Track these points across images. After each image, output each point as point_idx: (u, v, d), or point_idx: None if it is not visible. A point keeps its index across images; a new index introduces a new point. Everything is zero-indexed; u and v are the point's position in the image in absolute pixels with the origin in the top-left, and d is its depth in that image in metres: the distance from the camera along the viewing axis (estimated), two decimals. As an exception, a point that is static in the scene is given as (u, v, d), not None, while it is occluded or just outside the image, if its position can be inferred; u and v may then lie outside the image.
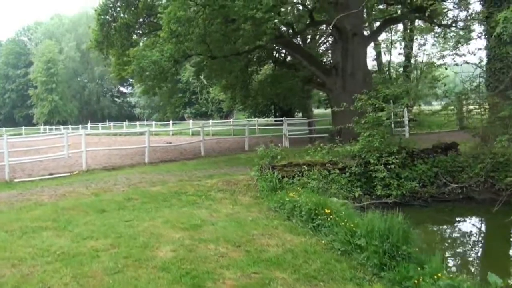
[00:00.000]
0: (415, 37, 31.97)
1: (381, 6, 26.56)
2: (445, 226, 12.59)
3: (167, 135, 38.68)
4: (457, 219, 13.13)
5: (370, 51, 33.57)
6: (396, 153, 13.81)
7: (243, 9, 15.81)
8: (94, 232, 8.27)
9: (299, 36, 27.61)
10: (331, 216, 8.64)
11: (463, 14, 25.50)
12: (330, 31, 24.32)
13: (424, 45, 33.91)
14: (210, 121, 29.64)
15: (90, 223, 8.99)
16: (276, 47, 26.28)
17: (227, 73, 23.60)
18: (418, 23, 30.37)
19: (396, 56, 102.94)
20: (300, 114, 40.62)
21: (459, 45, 28.78)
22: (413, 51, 32.72)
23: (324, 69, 23.84)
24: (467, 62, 18.03)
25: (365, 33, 24.95)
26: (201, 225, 8.95)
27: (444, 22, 27.33)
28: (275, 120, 40.37)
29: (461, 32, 27.48)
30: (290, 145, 25.08)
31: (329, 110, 38.64)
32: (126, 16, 20.22)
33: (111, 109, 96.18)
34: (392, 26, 29.20)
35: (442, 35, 30.50)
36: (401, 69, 33.35)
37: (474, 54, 18.26)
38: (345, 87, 22.20)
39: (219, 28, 17.16)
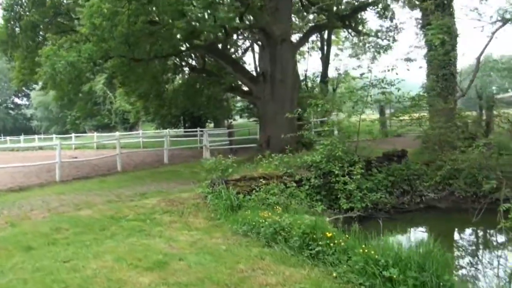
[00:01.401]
0: (336, 46, 31.90)
1: (311, 16, 25.93)
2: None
3: (70, 149, 34.90)
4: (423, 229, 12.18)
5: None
6: (358, 162, 12.62)
7: (176, 4, 13.86)
8: (28, 283, 5.88)
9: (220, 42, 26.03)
10: (335, 241, 7.01)
11: (387, 24, 25.50)
12: (257, 37, 23.02)
13: (338, 55, 34.05)
14: (117, 133, 26.94)
15: (17, 267, 6.52)
16: (194, 53, 24.35)
17: (143, 80, 21.27)
18: (347, 32, 30.17)
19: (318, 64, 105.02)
20: (212, 125, 38.83)
21: (378, 54, 29.18)
22: (330, 60, 32.51)
23: (251, 76, 22.39)
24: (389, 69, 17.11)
25: (293, 40, 23.88)
26: (167, 262, 6.86)
27: (366, 31, 27.39)
28: (185, 131, 38.20)
29: (381, 42, 27.74)
30: (211, 157, 23.27)
31: (242, 120, 37.49)
32: (33, 14, 17.25)
33: (6, 122, 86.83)
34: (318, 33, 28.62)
35: (360, 45, 30.68)
36: (318, 78, 33.00)
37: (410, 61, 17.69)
38: (273, 94, 20.91)
39: (144, 27, 14.99)
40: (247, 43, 31.66)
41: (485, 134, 15.58)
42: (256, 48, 30.80)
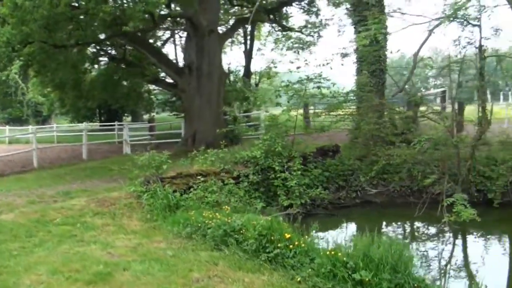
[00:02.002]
0: (259, 41, 31.64)
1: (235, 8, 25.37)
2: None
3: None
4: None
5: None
6: (296, 158, 12.32)
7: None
8: None
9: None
10: (295, 243, 6.55)
11: (313, 19, 25.53)
12: (183, 27, 22.14)
13: (260, 49, 33.85)
14: (32, 127, 24.86)
15: None
16: (115, 42, 22.93)
17: (61, 69, 19.64)
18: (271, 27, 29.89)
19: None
20: (130, 119, 37.15)
21: (302, 50, 29.26)
22: (253, 55, 32.17)
23: (176, 68, 21.49)
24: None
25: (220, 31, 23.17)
26: (110, 273, 6.05)
27: (292, 26, 27.32)
28: (101, 125, 36.29)
29: (307, 38, 27.82)
30: (132, 152, 22.14)
31: (163, 114, 36.25)
32: None
33: None
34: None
35: (283, 40, 30.63)
36: (241, 72, 32.54)
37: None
38: (200, 87, 20.22)
39: (66, 10, 13.71)
40: (167, 34, 30.53)
41: (415, 130, 15.94)
42: (178, 39, 29.84)
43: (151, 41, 25.02)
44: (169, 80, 23.08)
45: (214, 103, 20.58)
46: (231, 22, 26.32)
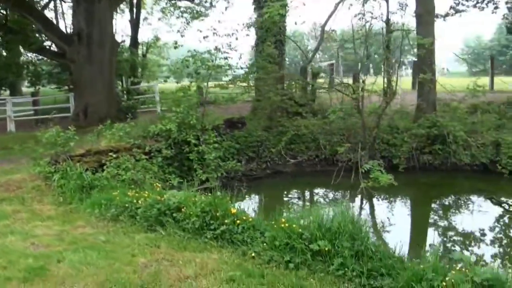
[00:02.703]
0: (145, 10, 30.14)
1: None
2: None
3: None
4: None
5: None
6: (209, 130, 11.98)
7: None
8: None
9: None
10: (242, 218, 6.29)
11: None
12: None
13: (147, 18, 32.45)
14: None
15: None
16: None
17: None
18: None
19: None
20: (8, 93, 33.65)
21: (192, 20, 28.46)
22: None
23: (64, 36, 19.70)
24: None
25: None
26: (43, 267, 5.34)
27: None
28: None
29: (198, 8, 27.06)
30: (17, 130, 20.18)
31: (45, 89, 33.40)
32: None
33: None
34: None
35: (171, 9, 29.64)
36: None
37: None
38: (91, 57, 18.85)
39: None
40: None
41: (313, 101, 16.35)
42: (60, 4, 27.36)
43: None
44: (54, 49, 21.15)
45: (106, 74, 19.34)
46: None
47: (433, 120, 13.99)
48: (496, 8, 24.09)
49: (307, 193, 12.99)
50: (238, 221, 6.28)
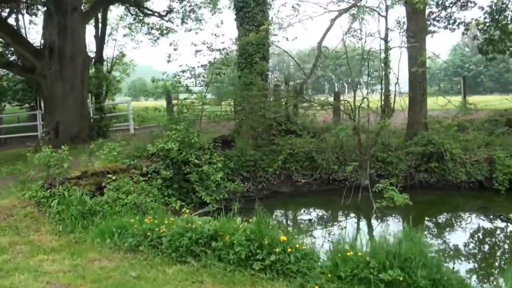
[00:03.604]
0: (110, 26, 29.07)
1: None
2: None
3: None
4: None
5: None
6: (206, 149, 11.26)
7: None
8: None
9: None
10: (294, 246, 5.61)
11: (177, 6, 24.14)
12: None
13: (112, 34, 31.32)
14: None
15: None
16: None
17: None
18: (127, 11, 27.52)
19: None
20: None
21: (161, 37, 27.65)
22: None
23: (35, 50, 18.45)
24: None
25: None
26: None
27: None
28: None
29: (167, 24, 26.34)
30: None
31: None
32: None
33: None
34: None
35: (138, 25, 28.85)
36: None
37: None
38: (63, 73, 17.67)
39: None
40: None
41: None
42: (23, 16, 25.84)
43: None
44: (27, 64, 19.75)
45: (78, 90, 18.21)
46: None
47: (428, 138, 13.78)
48: (466, 30, 24.56)
49: (315, 214, 12.36)
50: (289, 249, 5.60)
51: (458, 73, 66.22)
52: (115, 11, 31.36)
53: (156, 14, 25.24)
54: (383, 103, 13.56)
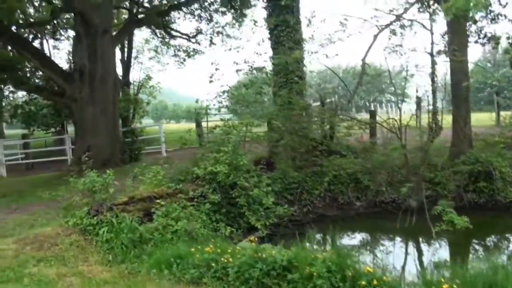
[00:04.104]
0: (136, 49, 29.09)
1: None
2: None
3: None
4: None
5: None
6: (255, 171, 10.78)
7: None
8: None
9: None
10: (381, 279, 5.05)
11: (205, 27, 23.96)
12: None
13: (137, 57, 31.34)
14: None
15: None
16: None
17: None
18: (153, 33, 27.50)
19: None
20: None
21: (188, 58, 27.52)
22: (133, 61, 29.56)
23: (64, 74, 18.32)
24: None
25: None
26: None
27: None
28: None
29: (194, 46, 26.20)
30: (8, 174, 18.58)
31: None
32: None
33: None
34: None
35: (164, 48, 28.84)
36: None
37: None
38: (94, 96, 17.51)
39: None
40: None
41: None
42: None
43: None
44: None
45: (109, 113, 18.03)
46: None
47: (475, 156, 13.13)
48: (497, 43, 23.96)
49: (371, 238, 11.71)
50: (375, 282, 5.05)
51: (481, 89, 65.21)
52: (140, 34, 31.40)
53: (184, 36, 25.07)
54: (431, 120, 12.94)
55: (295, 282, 5.40)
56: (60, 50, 29.09)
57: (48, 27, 22.37)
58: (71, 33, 23.14)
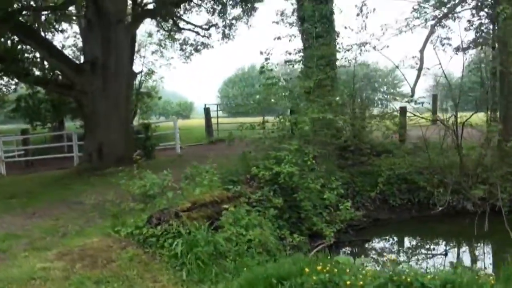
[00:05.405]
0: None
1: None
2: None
3: None
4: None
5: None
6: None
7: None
8: None
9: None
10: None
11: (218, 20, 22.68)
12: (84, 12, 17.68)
13: (139, 51, 29.93)
14: None
15: None
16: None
17: None
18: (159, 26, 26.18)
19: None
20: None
21: (195, 53, 26.21)
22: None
23: (74, 65, 16.88)
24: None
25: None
26: None
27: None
28: None
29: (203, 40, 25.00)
30: (7, 173, 17.16)
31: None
32: None
33: None
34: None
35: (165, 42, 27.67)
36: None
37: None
38: (106, 89, 16.08)
39: None
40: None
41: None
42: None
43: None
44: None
45: (122, 108, 16.64)
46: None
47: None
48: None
49: (441, 245, 10.72)
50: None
51: (474, 89, 65.22)
52: (142, 28, 30.03)
53: (197, 29, 23.75)
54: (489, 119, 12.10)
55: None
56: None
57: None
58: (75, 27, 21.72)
